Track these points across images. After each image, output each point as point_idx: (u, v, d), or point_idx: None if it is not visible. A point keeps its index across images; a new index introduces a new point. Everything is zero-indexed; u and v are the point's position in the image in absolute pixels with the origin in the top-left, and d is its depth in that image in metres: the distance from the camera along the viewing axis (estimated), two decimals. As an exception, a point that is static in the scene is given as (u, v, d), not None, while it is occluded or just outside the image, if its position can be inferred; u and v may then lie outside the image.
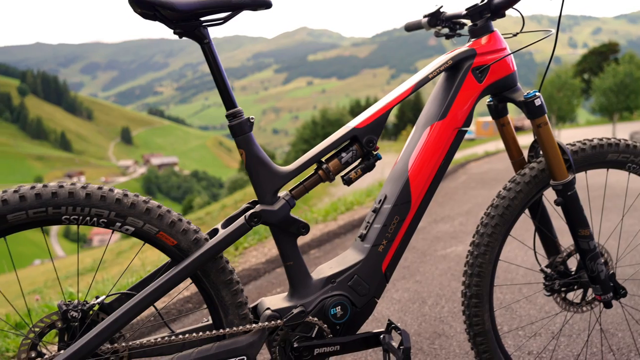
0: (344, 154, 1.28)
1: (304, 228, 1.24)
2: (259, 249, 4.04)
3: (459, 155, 12.25)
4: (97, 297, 1.21)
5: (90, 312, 1.18)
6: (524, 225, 1.90)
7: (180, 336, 1.18)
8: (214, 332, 1.19)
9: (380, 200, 1.35)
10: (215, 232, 1.25)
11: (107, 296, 1.22)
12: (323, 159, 1.28)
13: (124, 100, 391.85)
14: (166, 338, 1.18)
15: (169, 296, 2.73)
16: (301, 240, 4.02)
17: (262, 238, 4.30)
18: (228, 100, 1.21)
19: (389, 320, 1.31)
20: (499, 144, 14.95)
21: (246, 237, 4.09)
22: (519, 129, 35.27)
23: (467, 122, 1.35)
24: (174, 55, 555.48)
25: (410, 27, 1.65)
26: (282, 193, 1.26)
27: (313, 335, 1.24)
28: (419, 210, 1.33)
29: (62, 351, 1.10)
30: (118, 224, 1.12)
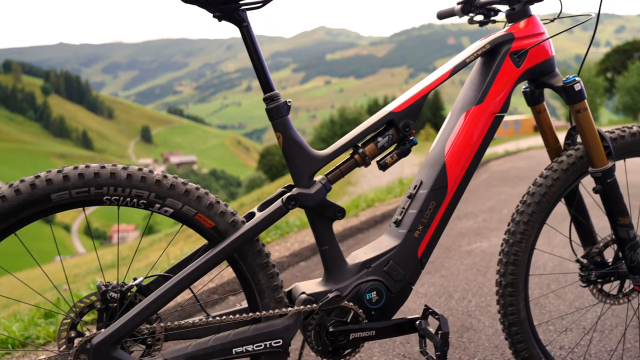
0: (380, 139, 1.27)
1: (340, 212, 1.24)
2: (281, 243, 4.06)
3: (480, 153, 12.07)
4: (134, 279, 1.22)
5: (129, 294, 1.19)
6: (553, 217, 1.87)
7: (217, 318, 1.19)
8: (250, 315, 1.19)
9: (416, 186, 1.34)
10: (251, 215, 1.26)
11: (145, 278, 1.23)
12: (359, 144, 1.28)
13: (144, 100, 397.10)
14: (202, 320, 1.19)
15: (201, 283, 2.75)
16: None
17: (284, 233, 4.32)
18: (266, 84, 1.21)
19: (425, 305, 1.30)
20: (520, 143, 14.74)
21: (268, 232, 4.10)
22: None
23: (505, 108, 1.33)
24: (193, 54, 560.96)
25: (443, 15, 1.63)
26: (318, 177, 1.25)
27: (348, 320, 1.24)
28: (455, 196, 1.31)
29: (102, 330, 1.12)
30: (157, 206, 1.13)
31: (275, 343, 1.17)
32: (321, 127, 55.07)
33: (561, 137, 1.54)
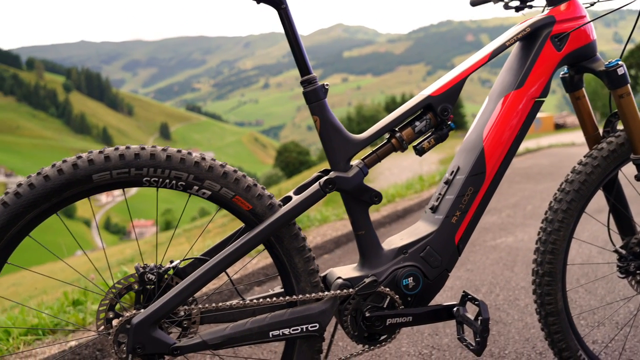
0: (417, 123, 1.26)
1: (377, 197, 1.22)
2: (318, 230, 4.09)
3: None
4: (171, 262, 1.23)
5: (166, 276, 1.20)
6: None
7: (255, 301, 1.19)
8: (287, 298, 1.19)
9: (453, 171, 1.32)
10: (287, 199, 1.25)
11: (182, 261, 1.24)
12: (396, 128, 1.26)
13: (163, 97, 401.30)
14: (239, 303, 1.19)
15: (233, 269, 2.77)
16: (346, 228, 4.01)
17: (305, 227, 4.32)
18: (303, 67, 1.20)
19: (464, 292, 1.29)
20: (540, 141, 14.51)
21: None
22: (561, 126, 34.13)
23: (545, 93, 1.30)
24: (211, 52, 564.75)
25: (477, 2, 1.60)
26: (354, 161, 1.24)
27: (384, 306, 1.23)
28: (494, 182, 1.29)
29: (141, 310, 1.12)
30: (195, 188, 1.14)
31: (311, 327, 1.17)
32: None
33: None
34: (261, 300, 1.19)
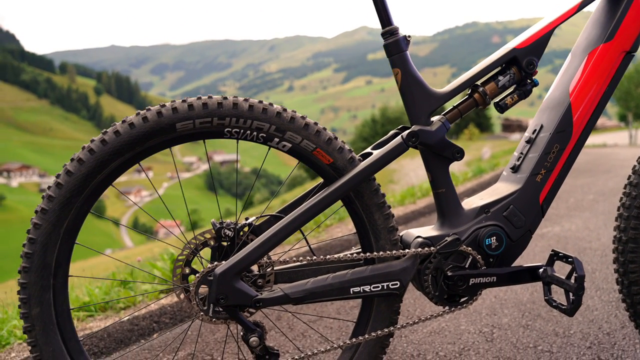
0: (501, 77, 1.21)
1: (459, 153, 1.18)
2: (341, 226, 4.04)
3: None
4: (246, 219, 1.21)
5: (241, 233, 1.18)
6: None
7: (332, 257, 1.16)
8: (367, 254, 1.16)
9: (535, 130, 1.27)
10: (366, 156, 1.22)
11: (257, 218, 1.22)
12: (478, 82, 1.22)
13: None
14: (313, 259, 1.16)
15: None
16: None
17: (342, 218, 4.28)
18: (385, 18, 1.18)
19: (553, 250, 1.23)
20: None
21: (326, 215, 4.07)
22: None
23: (636, 46, 1.24)
24: (236, 55, 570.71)
25: None
26: (435, 117, 1.21)
27: (466, 266, 1.18)
28: (581, 139, 1.23)
29: (219, 264, 1.11)
30: (276, 140, 1.12)
31: (392, 285, 1.14)
32: (362, 126, 54.85)
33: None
34: (336, 256, 1.16)
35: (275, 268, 1.20)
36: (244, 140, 1.13)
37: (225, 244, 1.18)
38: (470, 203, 1.25)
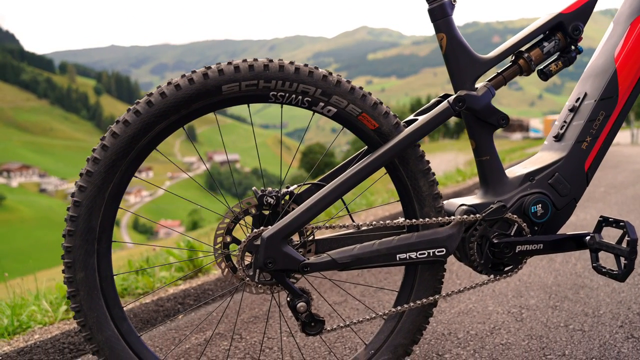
0: (546, 43, 1.20)
1: (504, 119, 1.17)
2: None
3: (533, 151, 11.70)
4: (288, 187, 1.20)
5: (283, 202, 1.17)
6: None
7: (377, 222, 1.14)
8: (413, 221, 1.14)
9: (579, 98, 1.25)
10: (410, 123, 1.21)
11: (299, 186, 1.20)
12: (523, 49, 1.20)
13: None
14: (354, 227, 1.15)
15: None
16: (395, 209, 3.96)
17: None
18: (430, -19, 1.16)
19: (601, 217, 1.22)
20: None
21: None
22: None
23: None
24: (236, 55, 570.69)
25: None
26: (479, 83, 1.19)
27: (511, 234, 1.17)
28: (626, 106, 1.22)
29: (265, 229, 1.09)
30: (321, 104, 1.10)
31: (438, 252, 1.12)
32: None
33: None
34: (381, 223, 1.14)
35: (316, 236, 1.18)
36: (288, 105, 1.11)
37: (266, 212, 1.17)
38: (513, 172, 1.23)
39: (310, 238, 1.17)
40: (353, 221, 1.22)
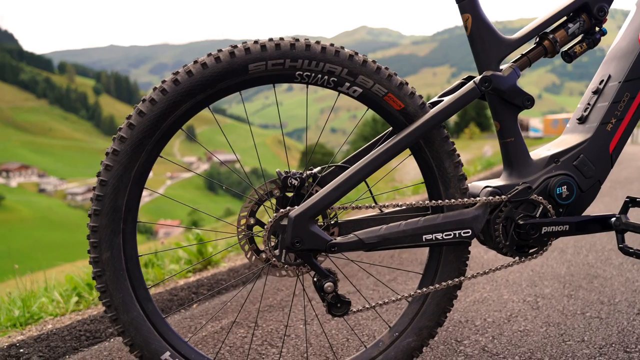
0: (570, 25, 1.19)
1: (529, 101, 1.16)
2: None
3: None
4: (311, 169, 1.19)
5: (306, 184, 1.16)
6: None
7: (403, 202, 1.14)
8: (439, 202, 1.13)
9: (602, 80, 1.25)
10: (435, 104, 1.20)
11: (322, 168, 1.20)
12: (547, 30, 1.20)
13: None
14: (378, 209, 1.14)
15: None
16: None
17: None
18: (455, -38, 1.15)
19: (628, 197, 1.21)
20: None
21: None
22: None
23: None
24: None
25: None
26: (504, 65, 1.19)
27: (537, 216, 1.16)
28: None
29: (292, 209, 1.08)
30: (347, 84, 1.09)
31: (464, 233, 1.12)
32: (364, 125, 54.95)
33: None
34: (405, 205, 1.14)
35: (339, 219, 1.17)
36: (313, 85, 1.10)
37: (289, 194, 1.16)
38: (537, 154, 1.23)
39: (333, 221, 1.16)
40: (376, 203, 1.22)
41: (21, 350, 1.55)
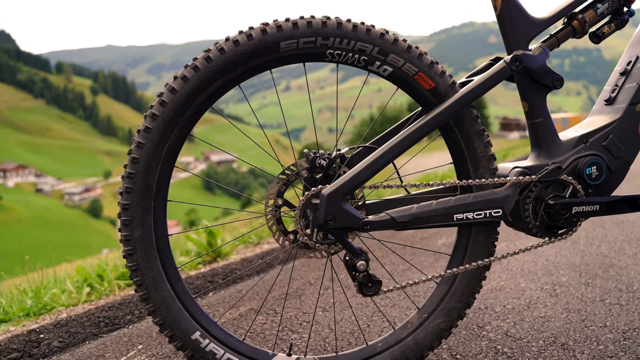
0: (599, 5, 1.19)
1: (559, 81, 1.16)
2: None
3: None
4: (338, 150, 1.18)
5: (334, 165, 1.16)
6: None
7: (435, 182, 1.13)
8: (469, 181, 1.13)
9: (630, 62, 1.25)
10: (464, 84, 1.20)
11: (350, 149, 1.19)
12: (576, 10, 1.19)
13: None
14: (405, 192, 1.14)
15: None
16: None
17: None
18: (485, -59, 1.15)
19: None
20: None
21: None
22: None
23: None
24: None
25: None
26: (533, 45, 1.18)
27: (566, 196, 1.16)
28: None
29: (324, 187, 1.08)
30: (377, 63, 1.09)
31: (495, 212, 1.11)
32: (361, 125, 55.09)
33: None
34: (434, 187, 1.13)
35: (366, 199, 1.17)
36: (343, 64, 1.10)
37: (317, 176, 1.15)
38: (566, 135, 1.23)
39: (361, 203, 1.16)
40: (402, 182, 1.21)
41: (41, 335, 1.54)
